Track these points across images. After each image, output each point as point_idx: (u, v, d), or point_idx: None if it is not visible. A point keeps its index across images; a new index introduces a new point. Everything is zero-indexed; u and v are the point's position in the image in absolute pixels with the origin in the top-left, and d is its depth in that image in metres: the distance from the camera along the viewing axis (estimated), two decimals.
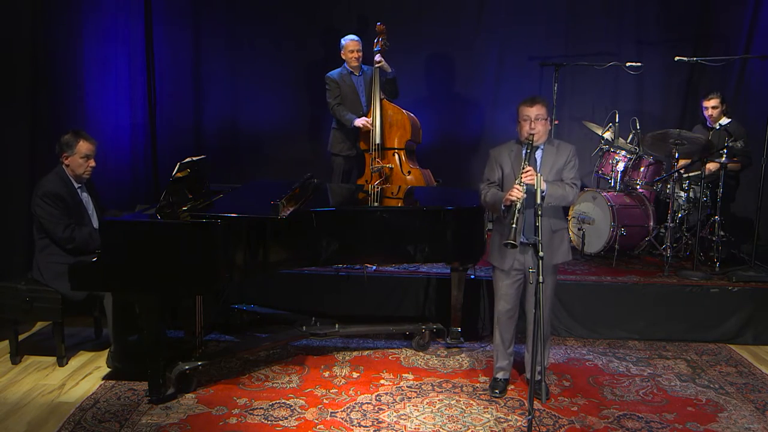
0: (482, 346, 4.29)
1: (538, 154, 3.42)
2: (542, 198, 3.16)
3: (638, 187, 5.33)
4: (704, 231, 5.10)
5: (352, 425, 3.24)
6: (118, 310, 3.72)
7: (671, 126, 5.50)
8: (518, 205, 3.15)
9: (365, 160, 5.41)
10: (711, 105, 5.28)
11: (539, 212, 3.02)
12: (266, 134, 6.37)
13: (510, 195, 3.21)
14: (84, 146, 3.83)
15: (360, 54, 5.38)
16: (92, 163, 3.88)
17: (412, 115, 5.40)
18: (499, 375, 3.64)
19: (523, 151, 3.31)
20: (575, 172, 3.44)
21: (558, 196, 3.33)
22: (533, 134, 3.31)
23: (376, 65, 5.24)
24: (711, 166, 5.05)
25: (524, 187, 3.19)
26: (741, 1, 5.90)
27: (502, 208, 3.32)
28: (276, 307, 4.51)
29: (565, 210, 3.66)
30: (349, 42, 5.36)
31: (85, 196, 3.94)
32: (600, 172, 5.50)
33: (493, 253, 3.52)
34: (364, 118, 5.27)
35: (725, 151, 4.77)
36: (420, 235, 3.81)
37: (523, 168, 3.22)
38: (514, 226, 3.11)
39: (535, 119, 3.32)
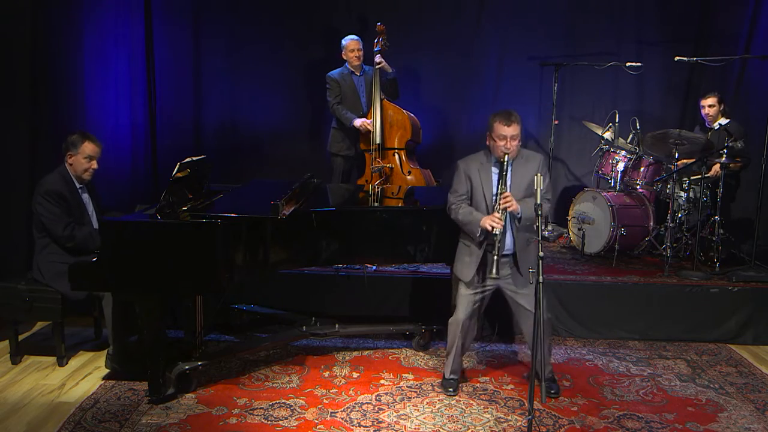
0: (482, 347, 4.29)
1: (507, 169, 3.40)
2: (519, 219, 3.22)
3: (638, 187, 5.33)
4: (704, 231, 5.10)
5: (352, 425, 3.24)
6: (117, 310, 3.72)
7: (671, 126, 5.50)
8: (499, 236, 3.22)
9: (365, 160, 5.41)
10: (708, 104, 5.29)
11: (513, 225, 3.18)
12: (266, 134, 6.37)
13: (491, 223, 3.24)
14: (89, 147, 3.84)
15: (360, 53, 5.39)
16: (95, 164, 3.89)
17: (412, 115, 5.40)
18: (453, 376, 3.66)
19: (496, 172, 3.34)
20: (545, 184, 3.39)
21: (531, 216, 3.31)
22: (507, 153, 3.32)
23: (377, 66, 5.25)
24: (717, 168, 5.05)
25: (503, 215, 3.24)
26: (741, 1, 5.90)
27: (478, 232, 3.33)
28: (276, 307, 4.50)
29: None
30: (350, 42, 5.37)
31: (86, 197, 3.95)
32: (600, 172, 5.50)
33: (457, 265, 3.55)
34: (363, 119, 5.27)
35: (725, 151, 4.77)
36: (420, 236, 3.81)
37: (501, 193, 3.25)
38: (495, 258, 3.19)
39: (511, 138, 3.32)
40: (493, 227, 3.23)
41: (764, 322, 4.47)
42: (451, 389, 3.61)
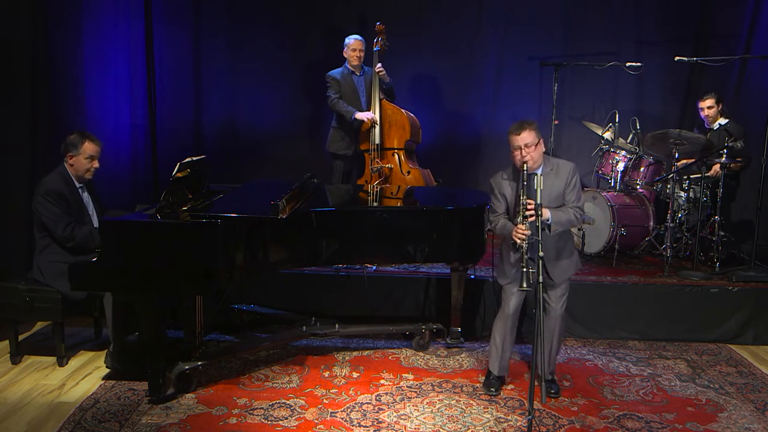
0: (482, 346, 4.28)
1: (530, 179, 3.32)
2: (548, 227, 3.16)
3: (638, 187, 5.33)
4: (704, 231, 5.10)
5: (352, 425, 3.24)
6: (117, 310, 3.72)
7: (671, 126, 5.51)
8: (525, 247, 3.12)
9: (365, 160, 5.41)
10: (706, 105, 5.30)
11: (543, 228, 3.05)
12: (266, 134, 6.37)
13: (516, 235, 3.16)
14: (89, 147, 3.84)
15: (362, 54, 5.41)
16: (96, 164, 3.90)
17: (411, 115, 5.40)
18: (501, 374, 3.64)
19: (520, 182, 3.23)
20: (576, 193, 3.38)
21: (564, 222, 3.31)
22: (526, 162, 3.23)
23: (377, 72, 5.27)
24: (717, 168, 5.05)
25: (527, 225, 3.13)
26: (741, 1, 5.91)
27: (512, 242, 3.26)
28: (276, 307, 4.51)
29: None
30: (354, 41, 5.38)
31: (86, 196, 3.95)
32: (600, 172, 5.50)
33: (498, 268, 3.57)
34: (367, 112, 5.27)
35: (725, 151, 4.77)
36: (420, 235, 3.80)
37: (523, 202, 3.15)
38: (524, 270, 3.06)
39: (525, 147, 3.24)
40: (519, 239, 3.14)
41: (764, 322, 4.47)
42: (493, 389, 3.59)
